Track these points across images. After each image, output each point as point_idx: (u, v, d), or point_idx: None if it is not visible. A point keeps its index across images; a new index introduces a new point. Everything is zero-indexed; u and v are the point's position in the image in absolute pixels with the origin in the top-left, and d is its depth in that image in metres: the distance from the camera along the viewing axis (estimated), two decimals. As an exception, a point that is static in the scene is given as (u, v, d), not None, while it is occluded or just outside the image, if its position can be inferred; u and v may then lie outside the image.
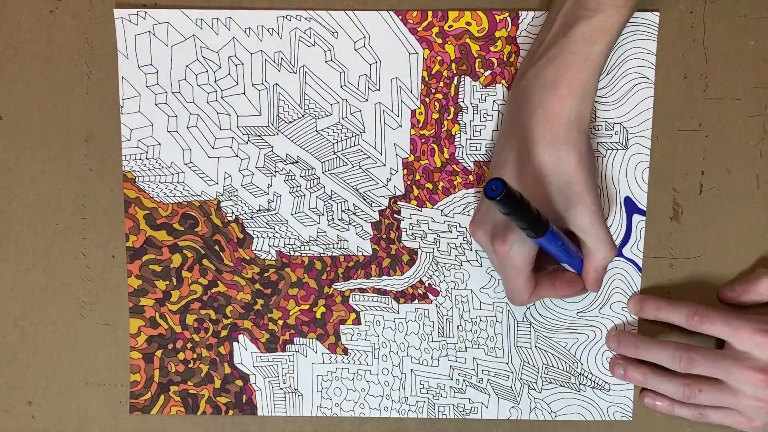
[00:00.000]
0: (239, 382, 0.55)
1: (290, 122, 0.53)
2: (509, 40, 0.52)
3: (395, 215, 0.54)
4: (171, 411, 0.55)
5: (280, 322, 0.54)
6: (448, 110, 0.53)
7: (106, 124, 0.53)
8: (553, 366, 0.54)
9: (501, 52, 0.52)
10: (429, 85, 0.53)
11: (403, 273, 0.54)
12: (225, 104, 0.53)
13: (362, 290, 0.54)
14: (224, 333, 0.54)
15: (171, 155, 0.53)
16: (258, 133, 0.53)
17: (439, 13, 0.52)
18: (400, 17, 0.52)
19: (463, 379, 0.54)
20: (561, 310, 0.54)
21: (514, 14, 0.52)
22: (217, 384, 0.55)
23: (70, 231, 0.54)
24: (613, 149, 0.52)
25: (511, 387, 0.54)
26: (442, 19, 0.52)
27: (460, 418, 0.54)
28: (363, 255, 0.54)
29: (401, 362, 0.54)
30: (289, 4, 0.52)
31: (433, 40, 0.52)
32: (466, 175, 0.53)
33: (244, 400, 0.55)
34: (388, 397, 0.54)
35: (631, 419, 0.54)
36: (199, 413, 0.55)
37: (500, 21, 0.52)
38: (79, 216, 0.54)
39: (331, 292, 0.54)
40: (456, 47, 0.52)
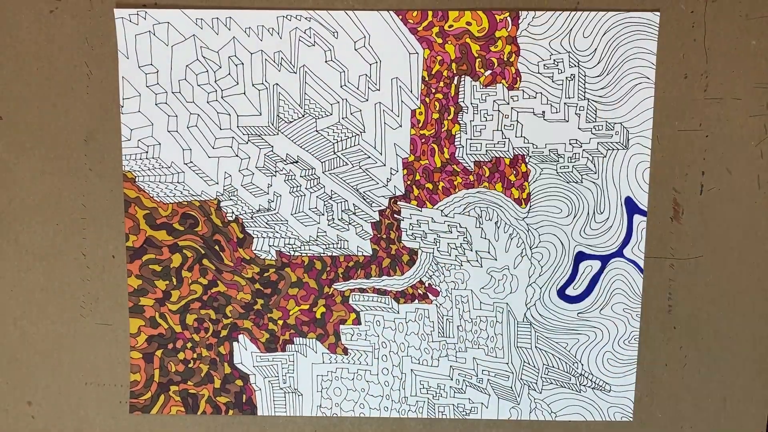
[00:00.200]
0: (239, 382, 0.55)
1: (290, 122, 0.53)
2: (509, 39, 0.52)
3: (395, 215, 0.54)
4: (171, 411, 0.55)
5: (280, 322, 0.54)
6: (448, 110, 0.53)
7: (106, 124, 0.53)
8: (553, 366, 0.54)
9: (501, 52, 0.52)
10: (429, 85, 0.53)
11: (403, 273, 0.54)
12: (225, 104, 0.53)
13: (362, 290, 0.54)
14: (224, 333, 0.54)
15: (171, 155, 0.53)
16: (258, 133, 0.53)
17: (440, 13, 0.52)
18: (400, 17, 0.52)
19: (463, 379, 0.54)
20: (561, 310, 0.54)
21: (514, 14, 0.52)
22: (217, 384, 0.54)
23: (70, 231, 0.54)
24: (613, 149, 0.52)
25: (511, 387, 0.54)
26: (442, 18, 0.52)
27: (460, 418, 0.54)
28: (363, 255, 0.54)
29: (401, 362, 0.54)
30: (289, 4, 0.52)
31: (433, 39, 0.52)
32: (467, 175, 0.53)
33: (244, 400, 0.55)
34: (388, 397, 0.54)
35: (631, 419, 0.54)
36: (199, 413, 0.55)
37: (500, 21, 0.52)
38: (79, 216, 0.54)
39: (331, 292, 0.54)
40: (456, 47, 0.52)
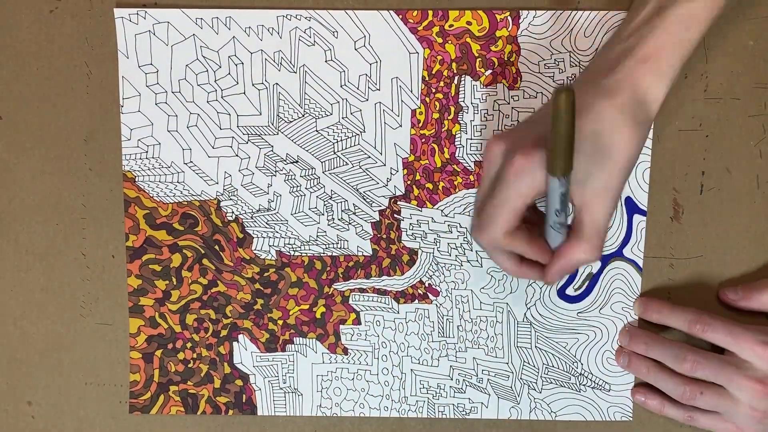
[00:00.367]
0: (239, 382, 0.54)
1: (290, 122, 0.53)
2: (510, 39, 0.52)
3: (395, 215, 0.54)
4: (171, 411, 0.55)
5: (280, 321, 0.54)
6: (448, 110, 0.53)
7: (106, 124, 0.53)
8: (553, 366, 0.54)
9: (502, 52, 0.52)
10: (429, 85, 0.53)
11: (403, 273, 0.54)
12: (225, 104, 0.53)
13: (362, 290, 0.54)
14: (224, 333, 0.54)
15: (171, 155, 0.53)
16: (258, 133, 0.53)
17: (440, 13, 0.52)
18: (400, 16, 0.52)
19: (463, 379, 0.54)
20: (561, 310, 0.54)
21: (514, 14, 0.52)
22: (217, 384, 0.54)
23: (70, 231, 0.54)
24: (613, 149, 0.52)
25: (511, 387, 0.54)
26: (442, 18, 0.52)
27: (460, 418, 0.54)
28: (363, 255, 0.54)
29: (401, 362, 0.54)
30: (289, 4, 0.52)
31: (433, 39, 0.52)
32: (467, 175, 0.53)
33: (244, 400, 0.55)
34: (388, 397, 0.54)
35: (631, 419, 0.54)
36: (198, 413, 0.55)
37: (501, 20, 0.52)
38: (79, 216, 0.54)
39: (331, 292, 0.54)
40: (456, 47, 0.52)
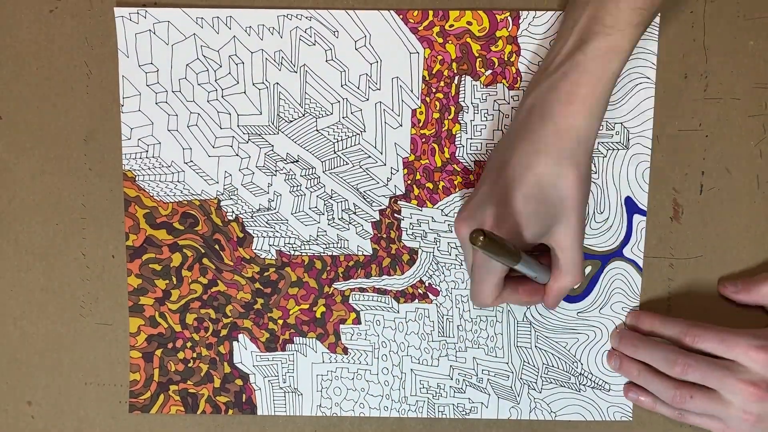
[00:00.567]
0: (239, 382, 0.54)
1: (291, 121, 0.53)
2: (510, 39, 0.52)
3: (395, 215, 0.54)
4: (170, 410, 0.55)
5: (280, 321, 0.54)
6: (448, 110, 0.53)
7: (106, 124, 0.53)
8: (553, 366, 0.54)
9: (502, 52, 0.52)
10: (430, 85, 0.53)
11: (403, 273, 0.54)
12: (225, 103, 0.53)
13: (362, 290, 0.54)
14: (224, 332, 0.54)
15: (171, 154, 0.53)
16: (258, 132, 0.53)
17: (440, 13, 0.52)
18: (400, 16, 0.52)
19: (463, 379, 0.54)
20: (561, 310, 0.54)
21: (515, 14, 0.52)
22: (217, 383, 0.54)
23: (69, 231, 0.54)
24: (613, 149, 0.52)
25: (511, 387, 0.54)
26: (443, 18, 0.52)
27: (460, 418, 0.54)
28: (363, 254, 0.54)
29: (401, 362, 0.54)
30: (289, 3, 0.52)
31: (433, 39, 0.52)
32: (467, 175, 0.53)
33: (244, 400, 0.54)
34: (388, 397, 0.54)
35: (631, 419, 0.54)
36: (198, 413, 0.55)
37: (501, 21, 0.52)
38: (79, 216, 0.54)
39: (331, 292, 0.54)
40: (457, 47, 0.52)
